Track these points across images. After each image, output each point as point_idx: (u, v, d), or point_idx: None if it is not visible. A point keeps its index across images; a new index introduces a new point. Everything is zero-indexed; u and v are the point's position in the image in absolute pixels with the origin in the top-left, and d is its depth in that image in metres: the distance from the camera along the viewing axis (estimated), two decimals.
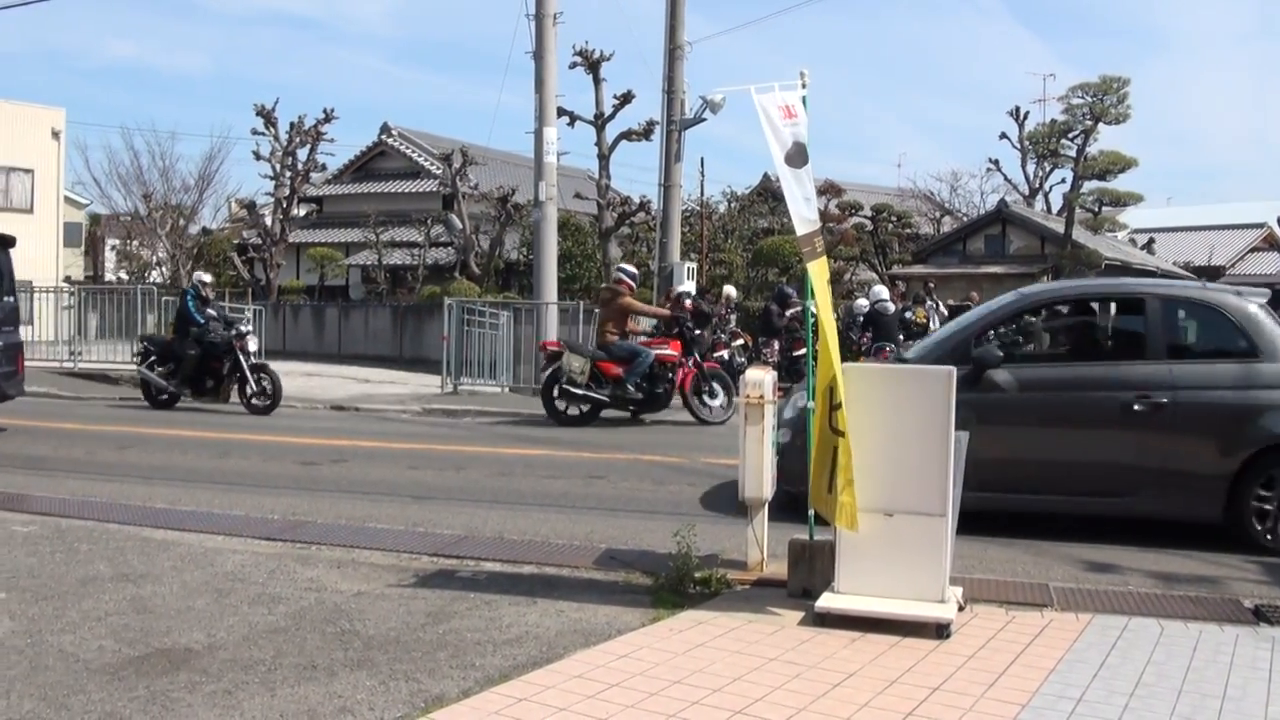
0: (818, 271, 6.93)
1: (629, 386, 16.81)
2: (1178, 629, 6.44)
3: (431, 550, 8.27)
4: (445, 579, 7.48)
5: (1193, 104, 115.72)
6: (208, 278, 20.94)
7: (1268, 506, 8.78)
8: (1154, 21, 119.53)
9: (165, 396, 19.46)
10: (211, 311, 19.85)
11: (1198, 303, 9.72)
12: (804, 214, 6.99)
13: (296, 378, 24.46)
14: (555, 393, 17.19)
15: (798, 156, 6.99)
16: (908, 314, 24.17)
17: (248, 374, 18.73)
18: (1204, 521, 9.06)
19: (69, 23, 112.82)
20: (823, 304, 6.83)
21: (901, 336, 23.15)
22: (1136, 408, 9.04)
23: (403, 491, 10.93)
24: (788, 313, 24.20)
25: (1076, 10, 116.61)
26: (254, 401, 18.65)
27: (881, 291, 23.60)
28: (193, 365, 19.09)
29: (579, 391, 16.86)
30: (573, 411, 17.20)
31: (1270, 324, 9.17)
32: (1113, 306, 10.68)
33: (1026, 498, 9.47)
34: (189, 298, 19.65)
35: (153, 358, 19.64)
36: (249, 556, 8.06)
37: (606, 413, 17.07)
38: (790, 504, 8.71)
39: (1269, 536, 8.76)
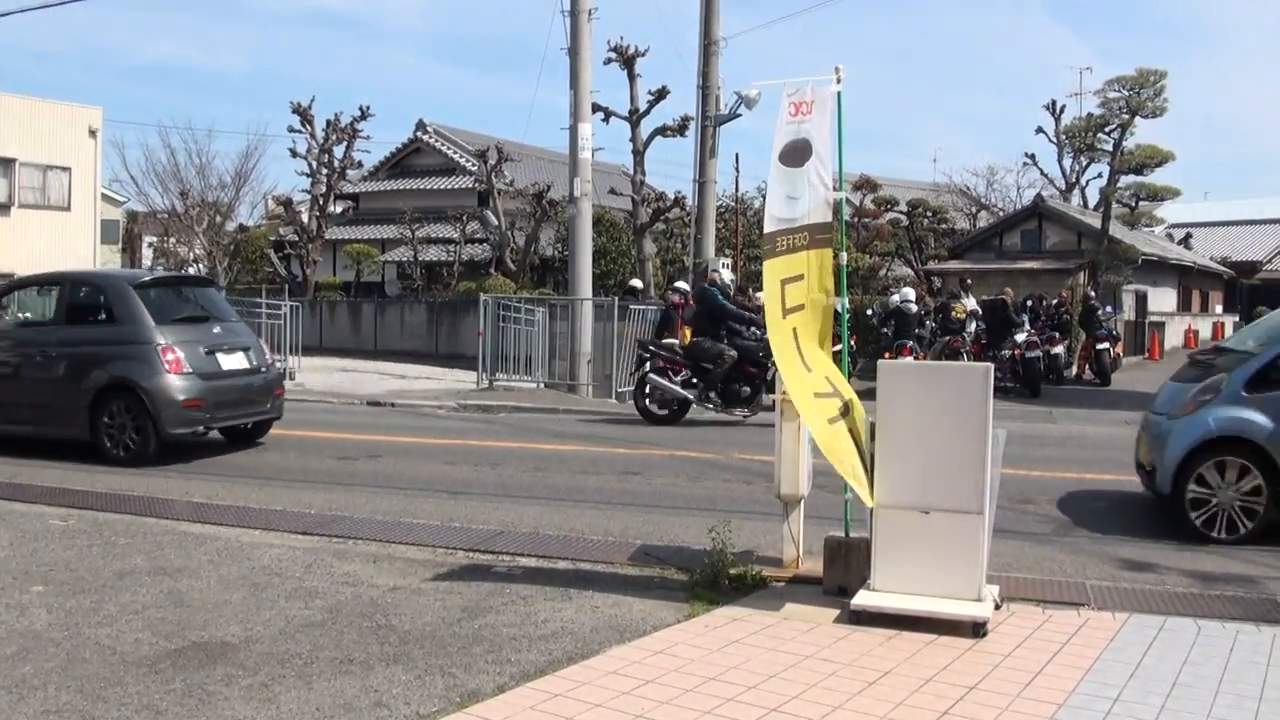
0: (771, 271, 6.96)
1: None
2: (1215, 629, 6.40)
3: (467, 545, 8.29)
4: (481, 574, 7.50)
5: (1229, 97, 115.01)
6: (728, 275, 18.06)
7: (112, 428, 12.45)
8: (1190, 15, 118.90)
9: (674, 409, 16.85)
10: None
11: (89, 282, 13.73)
12: (777, 213, 7.01)
13: (333, 373, 24.58)
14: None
15: (794, 154, 6.97)
16: (923, 313, 24.09)
17: None
18: (75, 439, 12.63)
19: (109, 23, 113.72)
20: (770, 302, 6.89)
21: (940, 331, 23.19)
22: (38, 359, 12.90)
23: (438, 487, 10.95)
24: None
25: (1113, 4, 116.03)
26: None
27: (909, 293, 23.57)
28: (727, 370, 16.39)
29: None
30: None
31: (131, 297, 12.69)
32: (61, 286, 13.47)
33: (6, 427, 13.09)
34: (716, 294, 17.03)
35: (659, 364, 16.85)
36: (286, 551, 8.09)
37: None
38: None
39: (117, 451, 12.39)
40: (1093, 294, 27.79)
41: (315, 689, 5.28)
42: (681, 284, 22.10)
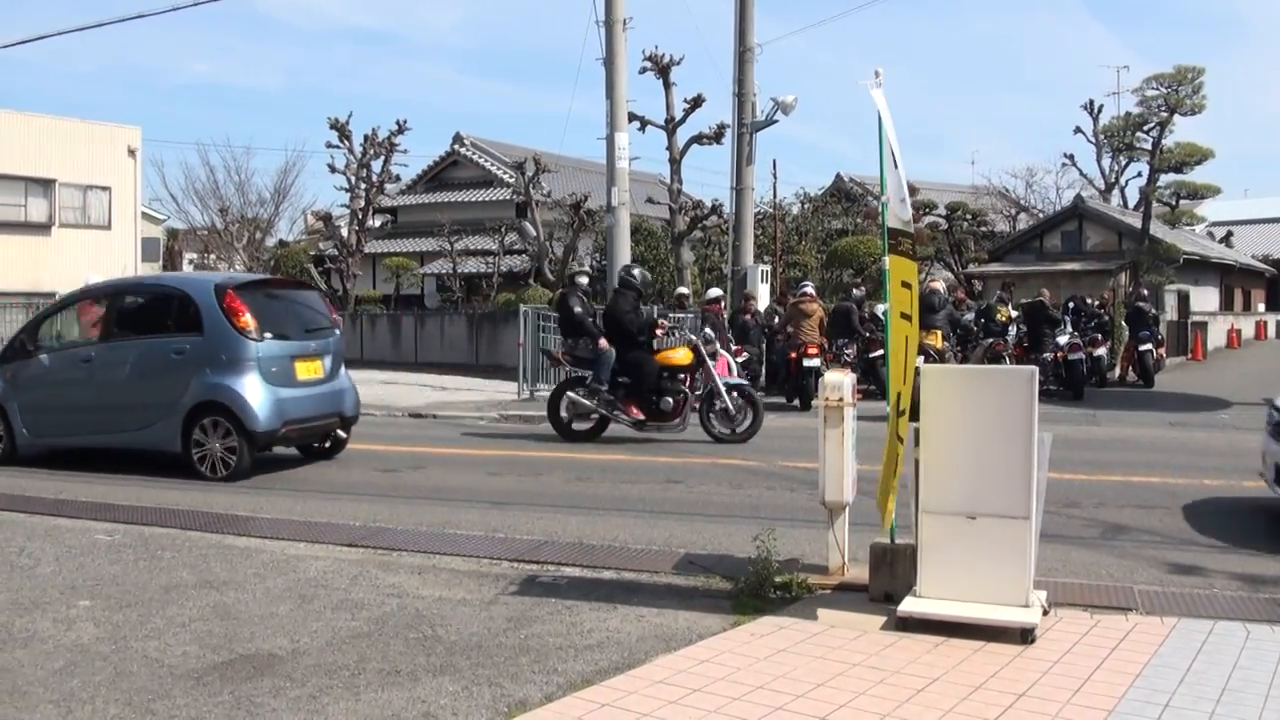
0: (896, 269, 6.84)
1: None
2: (1264, 632, 6.33)
3: (512, 556, 8.30)
4: (526, 584, 7.50)
5: (1269, 93, 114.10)
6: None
7: None
8: (1226, 10, 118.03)
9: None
10: None
11: None
12: (899, 213, 6.90)
13: (374, 385, 24.62)
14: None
15: (896, 156, 6.88)
16: (957, 312, 24.04)
17: None
18: None
19: (148, 44, 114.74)
20: (894, 301, 6.81)
21: (983, 334, 23.11)
22: None
23: (482, 497, 10.97)
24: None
25: (1150, 1, 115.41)
26: None
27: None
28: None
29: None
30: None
31: None
32: None
33: None
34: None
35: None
36: (331, 563, 8.12)
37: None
38: None
39: None
40: (1145, 293, 27.61)
41: (363, 700, 5.30)
42: (715, 290, 22.28)
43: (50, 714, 5.14)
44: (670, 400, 15.31)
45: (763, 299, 25.21)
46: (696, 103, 30.76)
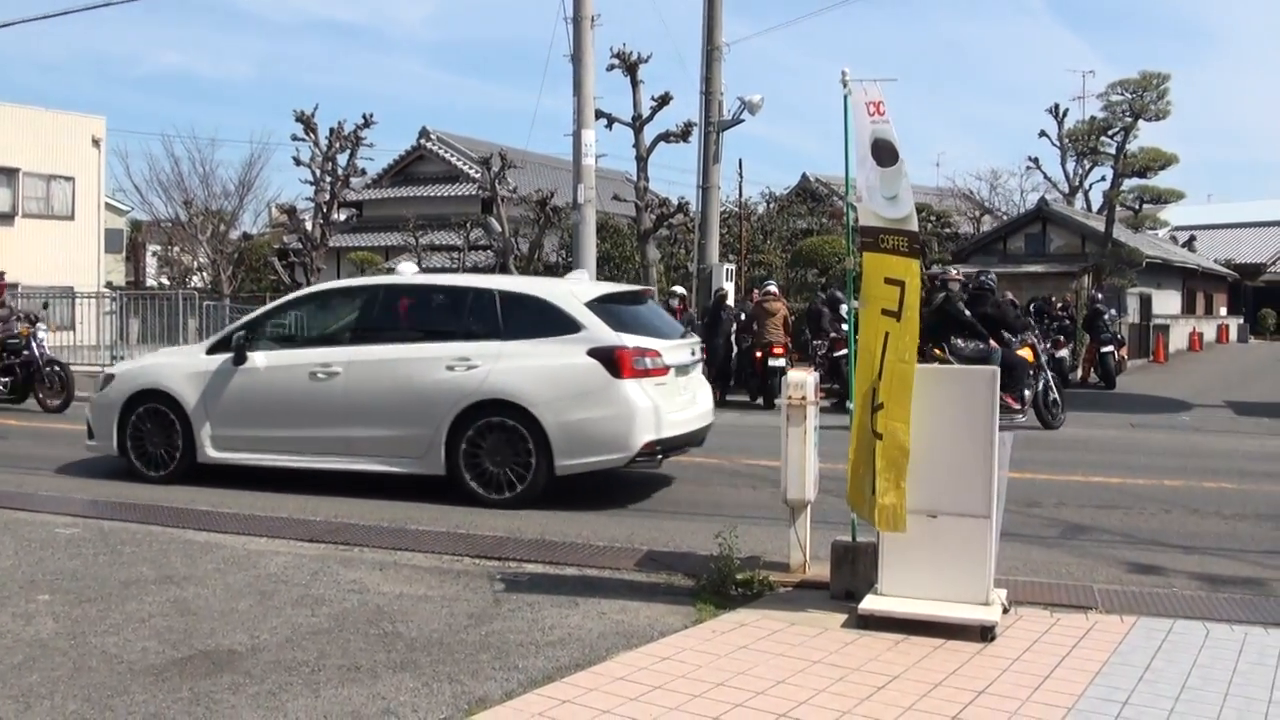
0: (874, 263, 6.57)
1: None
2: (1223, 632, 6.38)
3: (473, 552, 8.28)
4: (487, 581, 7.48)
5: (1234, 100, 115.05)
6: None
7: None
8: (1194, 18, 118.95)
9: None
10: None
11: None
12: (881, 211, 6.66)
13: None
14: None
15: (885, 154, 6.68)
16: None
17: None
18: None
19: (116, 33, 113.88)
20: (869, 297, 6.67)
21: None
22: None
23: (444, 493, 10.92)
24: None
25: (1116, 7, 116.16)
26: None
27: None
28: None
29: None
30: None
31: None
32: None
33: None
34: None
35: None
36: (292, 558, 8.08)
37: None
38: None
39: None
40: (1099, 296, 27.80)
41: (322, 697, 5.28)
42: (679, 288, 22.29)
43: (8, 709, 5.10)
44: (1028, 393, 16.66)
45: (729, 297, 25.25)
46: (664, 101, 30.74)
